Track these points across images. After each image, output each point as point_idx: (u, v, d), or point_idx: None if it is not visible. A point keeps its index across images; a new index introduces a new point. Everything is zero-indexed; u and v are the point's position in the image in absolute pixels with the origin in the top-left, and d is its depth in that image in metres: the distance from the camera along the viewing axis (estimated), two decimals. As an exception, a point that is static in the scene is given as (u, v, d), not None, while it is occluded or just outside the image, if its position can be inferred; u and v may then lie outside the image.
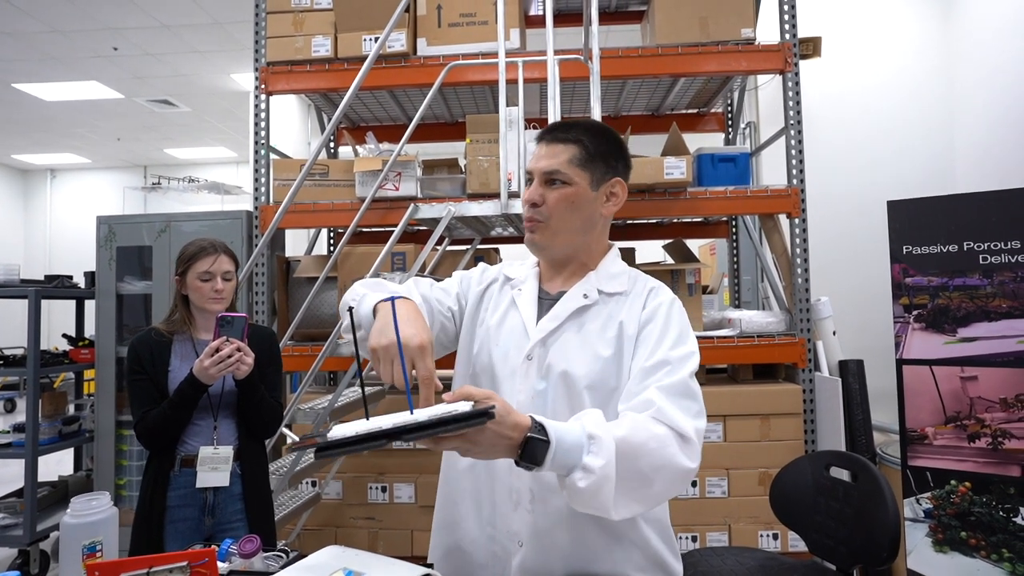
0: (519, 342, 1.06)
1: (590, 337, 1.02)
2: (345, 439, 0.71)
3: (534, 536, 0.99)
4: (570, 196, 1.04)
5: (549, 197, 1.04)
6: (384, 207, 2.72)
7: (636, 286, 1.08)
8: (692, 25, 2.69)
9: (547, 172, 1.05)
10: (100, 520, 1.10)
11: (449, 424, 0.73)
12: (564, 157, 1.04)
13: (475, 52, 2.73)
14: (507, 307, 1.12)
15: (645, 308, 1.04)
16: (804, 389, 2.58)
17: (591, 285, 1.07)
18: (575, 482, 0.81)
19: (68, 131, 8.46)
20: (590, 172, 1.05)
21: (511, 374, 1.05)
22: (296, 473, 2.19)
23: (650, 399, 0.92)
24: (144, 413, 1.60)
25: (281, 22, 2.82)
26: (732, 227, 3.68)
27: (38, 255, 10.37)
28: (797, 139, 2.69)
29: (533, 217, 1.06)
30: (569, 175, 1.04)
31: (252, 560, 0.99)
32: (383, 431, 0.71)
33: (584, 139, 1.06)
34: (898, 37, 3.59)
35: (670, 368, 0.96)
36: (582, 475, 0.81)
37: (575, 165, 1.04)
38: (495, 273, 1.19)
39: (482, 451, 0.79)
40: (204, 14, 5.18)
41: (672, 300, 1.05)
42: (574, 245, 1.08)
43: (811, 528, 1.72)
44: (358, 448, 0.71)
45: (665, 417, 0.90)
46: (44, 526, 2.93)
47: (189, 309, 1.71)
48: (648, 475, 0.86)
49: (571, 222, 1.06)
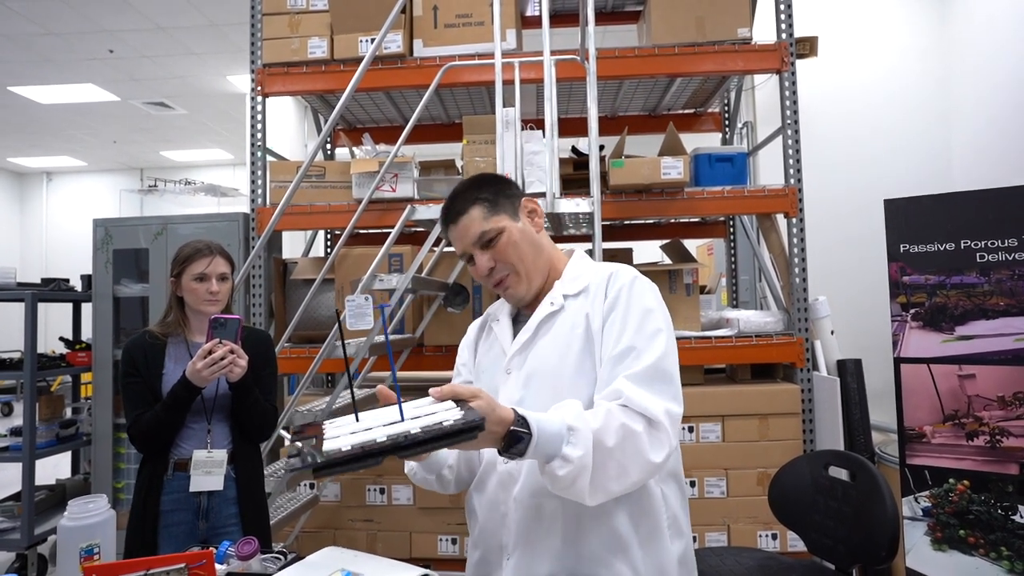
0: (499, 361, 1.13)
1: (560, 339, 1.06)
2: (342, 457, 0.71)
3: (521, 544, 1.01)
4: (511, 240, 1.09)
5: (497, 254, 1.09)
6: (381, 208, 2.71)
7: (596, 277, 1.10)
8: (688, 25, 2.69)
9: (476, 240, 1.10)
10: (97, 523, 1.09)
11: (443, 439, 0.74)
12: (478, 218, 1.09)
13: (471, 53, 2.73)
14: (490, 340, 1.20)
15: (607, 296, 1.05)
16: (802, 389, 2.58)
17: (556, 293, 1.11)
18: (554, 470, 0.85)
19: (64, 134, 8.44)
20: (504, 212, 1.11)
21: (495, 390, 1.09)
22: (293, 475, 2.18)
23: (619, 389, 0.94)
24: (137, 416, 1.58)
25: (277, 24, 2.82)
26: (730, 227, 3.68)
27: (34, 258, 10.34)
28: (794, 139, 2.70)
29: (500, 279, 1.11)
30: (493, 227, 1.09)
31: (250, 562, 0.99)
32: (380, 448, 0.72)
33: (476, 196, 1.11)
34: (894, 36, 3.60)
35: (636, 353, 0.97)
36: (561, 464, 0.85)
37: (490, 216, 1.09)
38: (482, 319, 1.27)
39: (468, 445, 0.82)
40: (200, 16, 5.17)
41: (632, 281, 1.05)
42: (543, 272, 1.14)
43: (810, 528, 1.72)
44: (355, 467, 0.72)
45: (634, 405, 0.92)
46: (41, 530, 2.92)
47: (184, 311, 1.70)
48: (622, 464, 0.89)
49: (527, 256, 1.11)
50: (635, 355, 0.97)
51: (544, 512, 1.00)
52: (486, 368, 1.16)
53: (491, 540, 1.05)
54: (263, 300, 2.78)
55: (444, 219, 1.14)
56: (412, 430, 0.74)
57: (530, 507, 1.01)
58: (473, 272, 1.13)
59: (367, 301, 2.08)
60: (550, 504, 1.00)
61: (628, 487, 0.92)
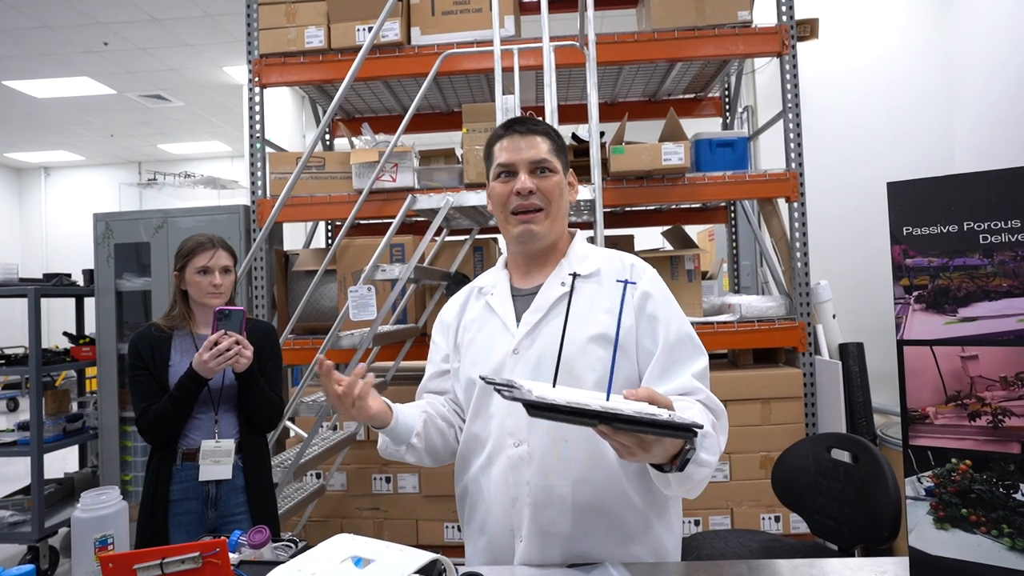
0: (503, 342, 1.07)
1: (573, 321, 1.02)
2: (560, 405, 0.67)
3: (533, 528, 1.01)
4: (559, 183, 1.10)
5: (543, 185, 1.07)
6: (381, 198, 2.71)
7: (609, 264, 1.10)
8: (688, 9, 2.67)
9: (535, 161, 1.07)
10: (111, 514, 1.11)
11: (661, 428, 0.70)
12: (545, 147, 1.08)
13: (470, 40, 2.71)
14: (482, 314, 1.13)
15: (640, 289, 1.05)
16: (804, 373, 2.59)
17: (564, 272, 1.07)
18: (690, 474, 0.85)
19: (61, 128, 8.40)
20: (562, 162, 1.11)
21: (496, 371, 1.05)
22: (301, 465, 2.19)
23: (696, 387, 0.99)
24: (145, 408, 1.60)
25: (273, 13, 2.80)
26: (731, 212, 3.67)
27: (35, 254, 10.34)
28: (795, 122, 2.68)
29: (533, 204, 1.06)
30: (554, 163, 1.08)
31: (261, 551, 1.00)
32: (597, 412, 0.68)
33: (551, 132, 1.12)
34: (895, 17, 3.56)
35: (692, 349, 1.03)
36: (695, 468, 0.85)
37: (554, 154, 1.09)
38: (465, 293, 1.21)
39: (644, 456, 0.78)
40: (195, 7, 5.12)
41: (655, 274, 1.11)
42: (561, 231, 1.13)
43: (813, 510, 1.74)
44: (569, 419, 0.68)
45: (711, 402, 0.99)
46: (52, 522, 2.95)
47: (188, 304, 1.72)
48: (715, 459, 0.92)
49: (563, 208, 1.10)
50: (691, 351, 1.03)
51: (555, 496, 1.01)
52: (481, 346, 1.10)
53: (501, 524, 1.05)
54: (265, 292, 2.78)
55: (511, 125, 1.10)
56: (625, 410, 0.69)
57: (543, 490, 1.01)
58: (501, 188, 1.08)
59: (369, 291, 2.08)
60: (561, 488, 1.00)
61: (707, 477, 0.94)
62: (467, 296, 1.20)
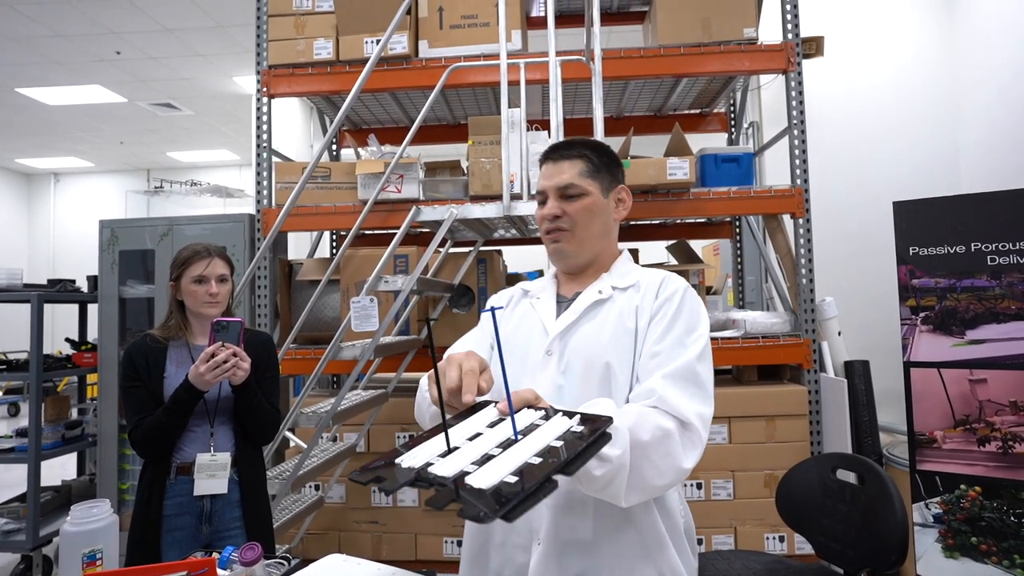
0: (538, 340, 1.11)
1: (606, 327, 1.06)
2: (525, 495, 0.62)
3: (553, 532, 0.99)
4: (588, 205, 1.12)
5: (569, 208, 1.11)
6: (386, 209, 2.71)
7: (647, 277, 1.13)
8: (694, 25, 2.68)
9: (561, 187, 1.12)
10: (100, 528, 1.09)
11: (591, 451, 0.71)
12: (574, 171, 1.12)
13: (477, 54, 2.72)
14: (525, 313, 1.18)
15: (658, 297, 1.08)
16: (809, 390, 2.56)
17: (605, 283, 1.12)
18: (590, 470, 0.81)
19: (71, 135, 8.49)
20: (599, 182, 1.13)
21: (532, 371, 1.08)
22: (299, 477, 2.18)
23: (652, 388, 0.95)
24: (139, 420, 1.57)
25: (283, 25, 2.82)
26: (736, 227, 3.66)
27: (42, 259, 10.40)
28: (800, 139, 2.68)
29: (559, 227, 1.12)
30: (582, 186, 1.12)
31: (253, 568, 0.98)
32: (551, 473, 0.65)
33: (588, 153, 1.14)
34: (901, 36, 3.57)
35: (675, 352, 1.00)
36: (598, 464, 0.81)
37: (586, 176, 1.12)
38: (511, 290, 1.27)
39: None
40: (206, 17, 5.18)
41: (685, 288, 1.09)
42: (595, 251, 1.15)
43: (818, 531, 1.71)
44: (538, 500, 0.63)
45: (667, 405, 0.93)
46: (47, 531, 2.92)
47: (185, 314, 1.69)
48: (656, 465, 0.88)
49: (592, 229, 1.13)
50: (674, 354, 1.00)
51: (578, 502, 0.99)
52: (517, 343, 1.13)
53: (519, 524, 1.00)
54: (269, 301, 2.78)
55: (547, 153, 1.17)
56: (555, 444, 0.67)
57: (567, 494, 0.99)
58: (538, 211, 1.16)
59: (372, 302, 2.07)
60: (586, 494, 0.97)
61: (662, 488, 0.91)
62: (512, 294, 1.25)
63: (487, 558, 1.05)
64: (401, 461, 0.67)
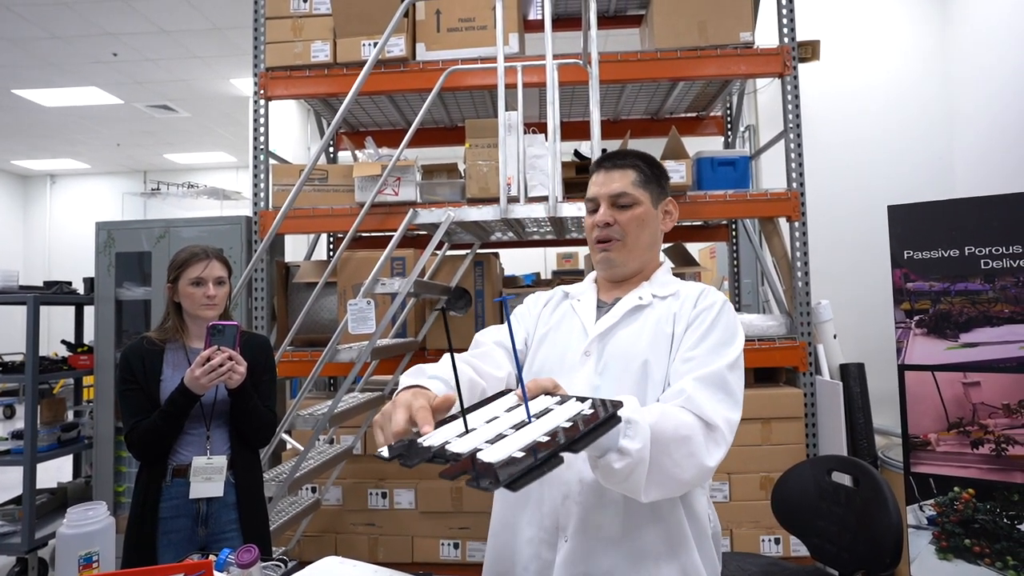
0: (577, 341, 1.12)
1: (644, 332, 1.08)
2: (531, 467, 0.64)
3: (581, 528, 0.99)
4: (640, 215, 1.14)
5: (621, 217, 1.13)
6: (383, 212, 2.71)
7: (687, 288, 1.15)
8: (691, 29, 2.69)
9: (614, 195, 1.14)
10: (96, 530, 1.09)
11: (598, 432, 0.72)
12: (628, 180, 1.14)
13: (474, 57, 2.73)
14: (565, 314, 1.19)
15: (696, 306, 1.09)
16: (805, 393, 2.57)
17: (646, 291, 1.14)
18: (610, 463, 0.81)
19: (68, 137, 8.47)
20: (650, 192, 1.16)
21: (569, 370, 1.09)
22: (296, 479, 2.17)
23: (682, 388, 0.96)
24: (135, 423, 1.56)
25: (280, 27, 2.83)
26: (732, 231, 3.67)
27: (38, 261, 10.36)
28: (796, 142, 2.69)
29: (609, 236, 1.14)
30: (635, 196, 1.14)
31: (250, 570, 0.98)
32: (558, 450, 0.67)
33: (639, 164, 1.16)
34: (896, 40, 3.59)
35: (709, 360, 1.00)
36: (618, 457, 0.81)
37: (638, 186, 1.14)
38: (551, 292, 1.28)
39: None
40: (203, 20, 5.18)
41: (724, 301, 1.10)
42: (643, 260, 1.17)
43: (813, 533, 1.71)
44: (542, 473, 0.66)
45: (693, 405, 0.93)
46: (43, 533, 2.91)
47: (182, 317, 1.69)
48: (677, 462, 0.88)
49: (642, 239, 1.15)
50: (707, 360, 1.00)
51: (608, 498, 0.99)
52: (557, 343, 1.15)
53: (547, 519, 1.02)
54: (265, 303, 2.78)
55: (600, 161, 1.19)
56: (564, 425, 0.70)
57: (596, 490, 0.99)
58: (588, 219, 1.17)
59: (369, 305, 2.07)
60: (615, 492, 0.97)
61: (683, 487, 0.92)
62: (553, 294, 1.26)
63: (513, 553, 1.05)
64: (422, 441, 0.72)
